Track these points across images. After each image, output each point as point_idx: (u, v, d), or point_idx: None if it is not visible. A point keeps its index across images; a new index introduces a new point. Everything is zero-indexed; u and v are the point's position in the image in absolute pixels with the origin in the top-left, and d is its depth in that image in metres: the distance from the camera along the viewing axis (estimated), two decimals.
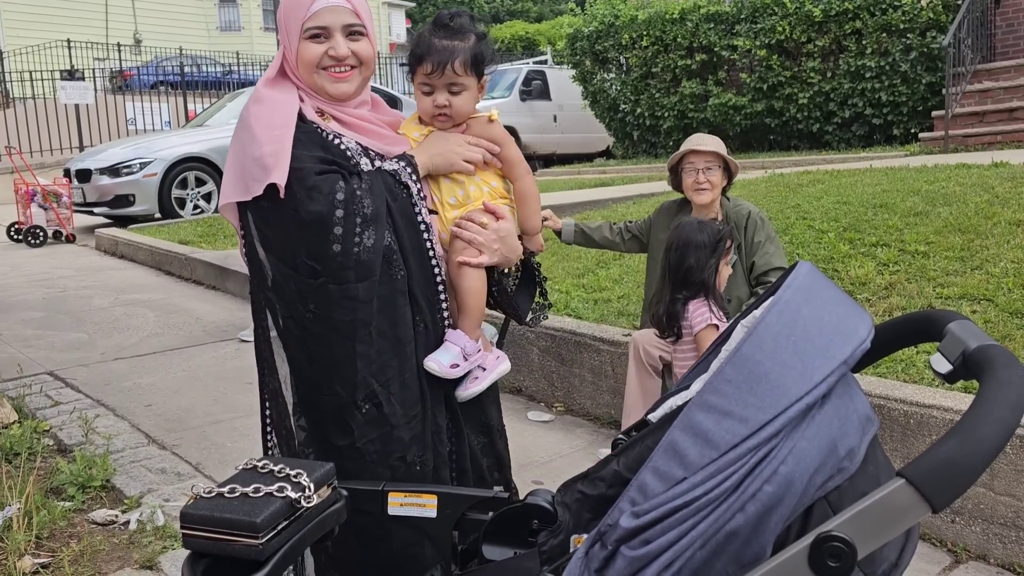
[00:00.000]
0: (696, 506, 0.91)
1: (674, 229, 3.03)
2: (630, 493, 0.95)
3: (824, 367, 0.93)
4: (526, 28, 30.58)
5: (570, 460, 3.79)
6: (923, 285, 4.22)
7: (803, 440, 0.92)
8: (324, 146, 1.73)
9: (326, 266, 1.65)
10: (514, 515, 1.44)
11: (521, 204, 1.93)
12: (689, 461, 0.92)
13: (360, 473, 1.70)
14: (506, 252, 1.85)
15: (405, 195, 1.75)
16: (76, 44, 20.96)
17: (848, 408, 0.96)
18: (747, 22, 11.99)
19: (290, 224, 1.67)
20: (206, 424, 4.29)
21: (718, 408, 0.93)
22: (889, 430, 3.09)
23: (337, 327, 1.67)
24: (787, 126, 12.13)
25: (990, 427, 0.82)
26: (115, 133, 17.66)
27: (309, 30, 1.73)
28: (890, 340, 1.14)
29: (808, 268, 1.05)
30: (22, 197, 10.61)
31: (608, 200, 8.09)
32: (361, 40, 1.77)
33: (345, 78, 1.77)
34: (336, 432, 1.71)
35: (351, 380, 1.69)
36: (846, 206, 5.77)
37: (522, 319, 2.00)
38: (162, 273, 8.42)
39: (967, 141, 9.57)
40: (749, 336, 0.95)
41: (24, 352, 5.62)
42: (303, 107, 1.76)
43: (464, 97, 1.83)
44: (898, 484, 0.83)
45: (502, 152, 1.88)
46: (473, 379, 1.84)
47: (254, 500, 1.29)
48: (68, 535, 3.15)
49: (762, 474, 0.90)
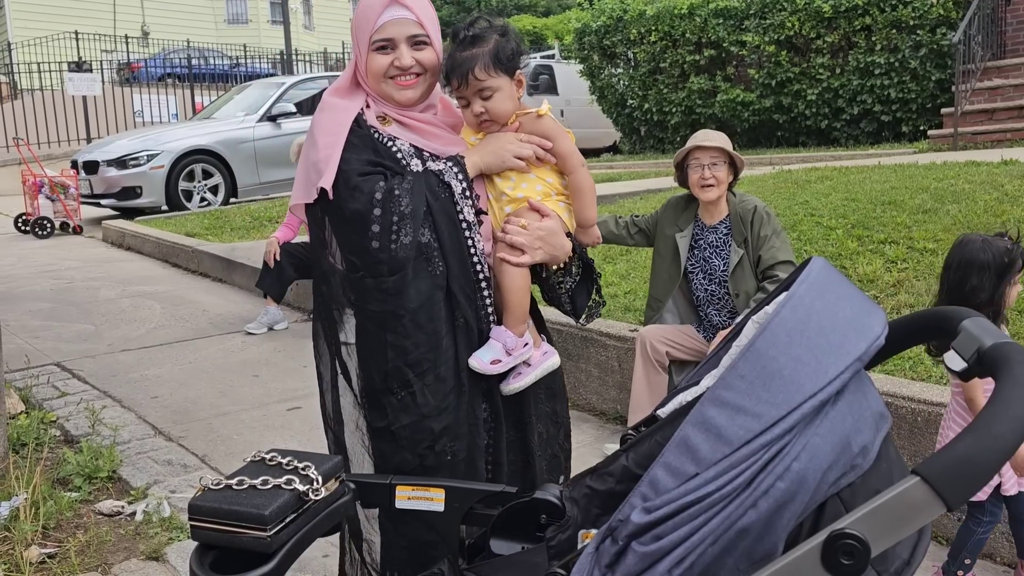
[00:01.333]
0: (708, 502, 0.90)
1: (956, 246, 2.58)
2: (642, 488, 0.95)
3: (838, 363, 0.93)
4: (534, 22, 30.53)
5: (576, 455, 3.72)
6: (931, 283, 4.20)
7: (816, 437, 0.91)
8: (376, 149, 1.83)
9: (363, 261, 1.77)
10: (522, 509, 1.44)
11: (576, 197, 1.94)
12: (701, 457, 0.92)
13: (393, 456, 1.81)
14: (550, 250, 1.87)
15: (447, 194, 1.81)
16: (84, 36, 20.97)
17: (862, 405, 0.96)
18: (756, 17, 11.94)
19: (338, 221, 1.80)
20: (212, 416, 4.29)
21: (731, 404, 0.92)
22: (897, 428, 3.08)
23: (371, 317, 1.79)
24: (795, 122, 12.08)
25: (1006, 425, 0.82)
26: (123, 125, 17.67)
27: (376, 42, 1.82)
28: (903, 337, 1.14)
29: (822, 264, 1.04)
30: (30, 188, 10.64)
31: (615, 195, 8.07)
32: (426, 49, 1.85)
33: (410, 85, 1.85)
34: (376, 414, 1.83)
35: (383, 368, 1.79)
36: (854, 203, 5.74)
37: (578, 317, 2.03)
38: (169, 265, 8.43)
39: (976, 138, 9.52)
40: (763, 331, 0.94)
41: (31, 343, 5.63)
42: (366, 113, 1.87)
43: (498, 98, 1.85)
44: (913, 481, 0.82)
45: (554, 146, 1.90)
46: (517, 374, 1.89)
47: (262, 492, 1.29)
48: (75, 525, 3.15)
49: (775, 470, 0.90)
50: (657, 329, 3.68)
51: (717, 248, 3.60)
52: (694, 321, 3.74)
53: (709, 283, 3.63)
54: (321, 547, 2.90)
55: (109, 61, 21.35)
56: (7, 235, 10.77)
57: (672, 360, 3.63)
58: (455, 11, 43.77)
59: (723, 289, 3.59)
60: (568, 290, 2.00)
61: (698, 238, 3.67)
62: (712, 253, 3.61)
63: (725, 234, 3.60)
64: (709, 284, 3.64)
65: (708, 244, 3.63)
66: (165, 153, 10.95)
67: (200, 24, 27.41)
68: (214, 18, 28.41)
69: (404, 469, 1.79)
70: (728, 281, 3.55)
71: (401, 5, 1.81)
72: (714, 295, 3.63)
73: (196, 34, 25.33)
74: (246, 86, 13.41)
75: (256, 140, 11.41)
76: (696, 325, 3.73)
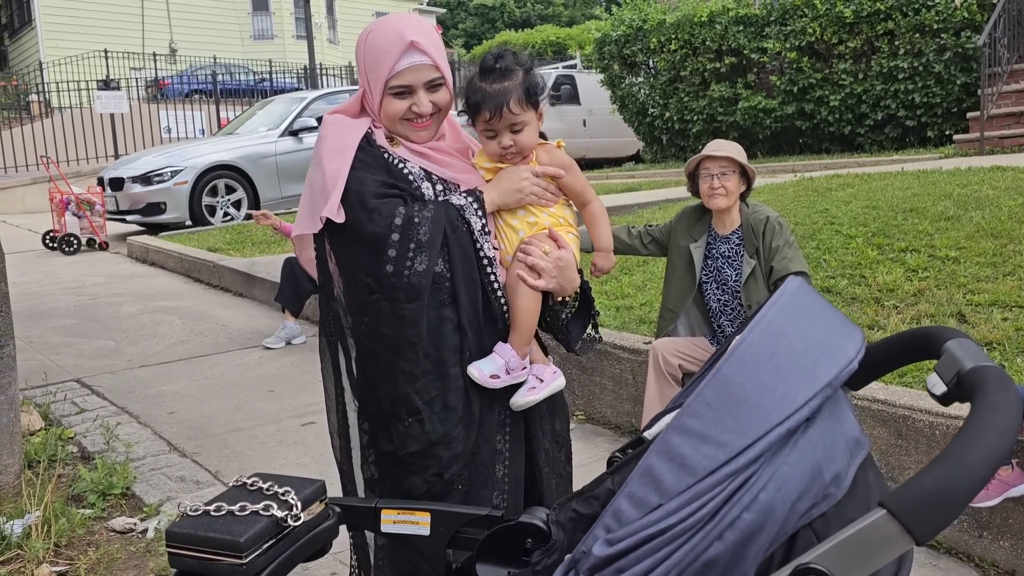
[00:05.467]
0: (672, 534, 0.87)
1: None
2: (605, 519, 0.92)
3: (807, 389, 0.89)
4: (556, 32, 30.52)
5: (590, 469, 3.72)
6: (953, 292, 4.12)
7: (785, 466, 0.88)
8: (388, 170, 1.82)
9: (380, 284, 1.76)
10: (508, 533, 1.41)
11: (594, 224, 2.01)
12: (665, 487, 0.89)
13: (402, 480, 1.81)
14: (562, 282, 1.89)
15: (465, 229, 1.81)
16: (113, 54, 21.32)
17: (835, 431, 0.92)
18: (777, 24, 11.86)
19: (350, 242, 1.79)
20: (227, 432, 4.30)
21: (696, 432, 0.89)
22: (915, 441, 3.02)
23: (384, 342, 1.78)
24: (818, 129, 11.97)
25: (978, 455, 0.78)
26: (151, 141, 17.92)
27: (394, 88, 1.81)
28: (887, 358, 1.10)
29: (796, 284, 1.01)
30: (57, 206, 10.79)
31: (634, 205, 8.03)
32: (441, 89, 1.85)
33: (426, 127, 1.86)
34: (384, 438, 1.82)
35: (392, 392, 1.79)
36: (875, 211, 5.66)
37: (572, 347, 2.04)
38: (191, 280, 8.51)
39: (1003, 143, 9.37)
40: (730, 357, 0.91)
41: (53, 359, 5.70)
42: (375, 133, 1.86)
43: (527, 132, 1.87)
44: (879, 515, 0.78)
45: (569, 178, 1.93)
46: (530, 388, 1.89)
47: (239, 519, 1.27)
48: (86, 543, 3.17)
49: (741, 501, 0.86)
50: (670, 342, 3.64)
51: (729, 259, 3.56)
52: (707, 332, 3.70)
53: (722, 294, 3.59)
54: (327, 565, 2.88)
55: (138, 78, 21.66)
56: (35, 252, 10.93)
57: (685, 373, 3.59)
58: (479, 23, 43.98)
59: (736, 300, 3.54)
60: (564, 319, 2.01)
61: (711, 248, 3.63)
62: (725, 263, 3.57)
63: (737, 244, 3.55)
64: (722, 295, 3.59)
65: (721, 255, 3.59)
66: (189, 169, 11.07)
67: (227, 40, 27.73)
68: (240, 34, 28.74)
69: (413, 494, 1.79)
70: (741, 292, 3.50)
71: (419, 51, 1.81)
72: (727, 306, 3.59)
73: (223, 50, 25.63)
74: (269, 101, 13.54)
75: (278, 155, 11.51)
76: (710, 337, 3.69)
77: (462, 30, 43.44)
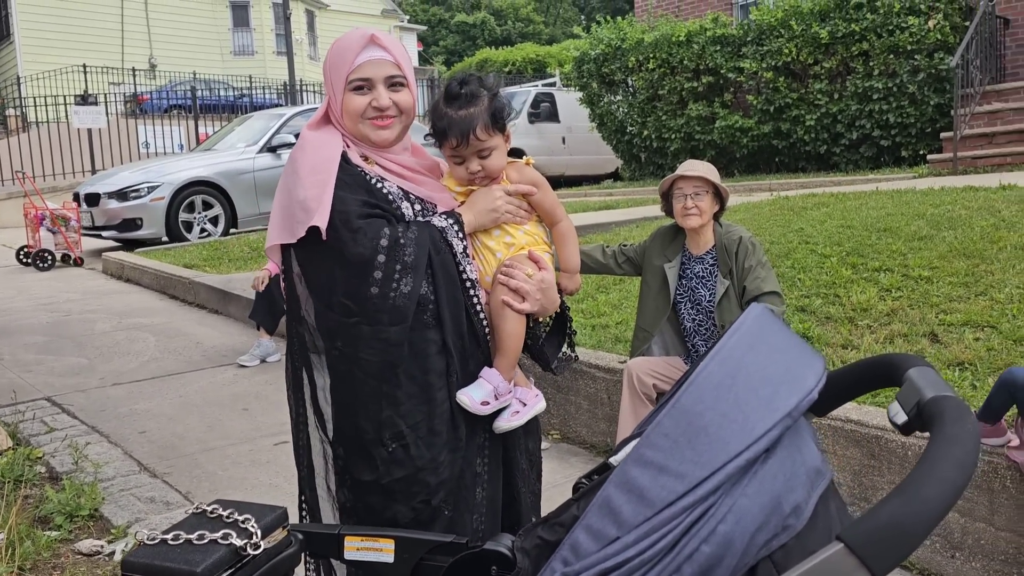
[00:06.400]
0: (629, 567, 0.86)
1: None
2: (562, 552, 0.90)
3: (766, 420, 0.88)
4: (536, 51, 30.70)
5: (565, 489, 3.69)
6: (926, 311, 4.15)
7: (744, 497, 0.87)
8: (368, 190, 1.80)
9: (362, 307, 1.72)
10: (473, 560, 1.39)
11: (563, 244, 2.00)
12: (623, 519, 0.88)
13: (384, 510, 1.76)
14: (545, 303, 1.89)
15: (448, 252, 1.80)
16: (92, 69, 21.20)
17: (795, 462, 0.91)
18: (753, 44, 11.98)
19: (331, 264, 1.74)
20: (198, 452, 4.25)
21: (654, 463, 0.88)
22: (887, 461, 3.02)
23: (362, 366, 1.73)
24: (794, 148, 12.08)
25: (935, 488, 0.77)
26: (128, 157, 17.81)
27: (353, 82, 1.80)
28: (849, 385, 1.09)
29: (758, 312, 1.00)
30: (31, 221, 10.68)
31: (611, 223, 8.05)
32: (402, 91, 1.84)
33: (387, 126, 1.84)
34: (362, 467, 1.77)
35: (375, 418, 1.74)
36: (850, 230, 5.71)
37: (548, 365, 2.04)
38: (166, 297, 8.43)
39: (976, 163, 9.49)
40: (688, 387, 0.90)
41: (23, 377, 5.61)
42: (349, 152, 1.84)
43: (494, 157, 1.86)
44: (836, 549, 0.77)
45: (540, 195, 1.93)
46: (514, 412, 1.88)
47: (197, 547, 1.24)
48: (52, 566, 3.11)
49: (699, 533, 0.85)
50: (644, 361, 3.63)
51: (703, 279, 3.57)
52: (682, 352, 3.70)
53: (696, 314, 3.60)
54: None
55: (117, 93, 21.54)
56: (9, 268, 10.80)
57: (659, 392, 3.58)
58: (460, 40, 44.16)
59: (710, 320, 3.55)
60: (539, 338, 2.01)
61: (685, 268, 3.64)
62: (699, 284, 3.58)
63: (711, 265, 3.57)
64: (696, 315, 3.60)
65: (695, 275, 3.60)
66: (165, 185, 10.99)
67: (207, 56, 27.67)
68: (220, 50, 28.68)
69: (398, 522, 1.75)
70: (715, 312, 3.51)
71: (379, 46, 1.81)
72: (701, 326, 3.59)
73: (203, 66, 25.57)
74: (248, 117, 13.49)
75: (256, 171, 11.45)
76: (684, 357, 3.69)
77: (443, 47, 43.61)
